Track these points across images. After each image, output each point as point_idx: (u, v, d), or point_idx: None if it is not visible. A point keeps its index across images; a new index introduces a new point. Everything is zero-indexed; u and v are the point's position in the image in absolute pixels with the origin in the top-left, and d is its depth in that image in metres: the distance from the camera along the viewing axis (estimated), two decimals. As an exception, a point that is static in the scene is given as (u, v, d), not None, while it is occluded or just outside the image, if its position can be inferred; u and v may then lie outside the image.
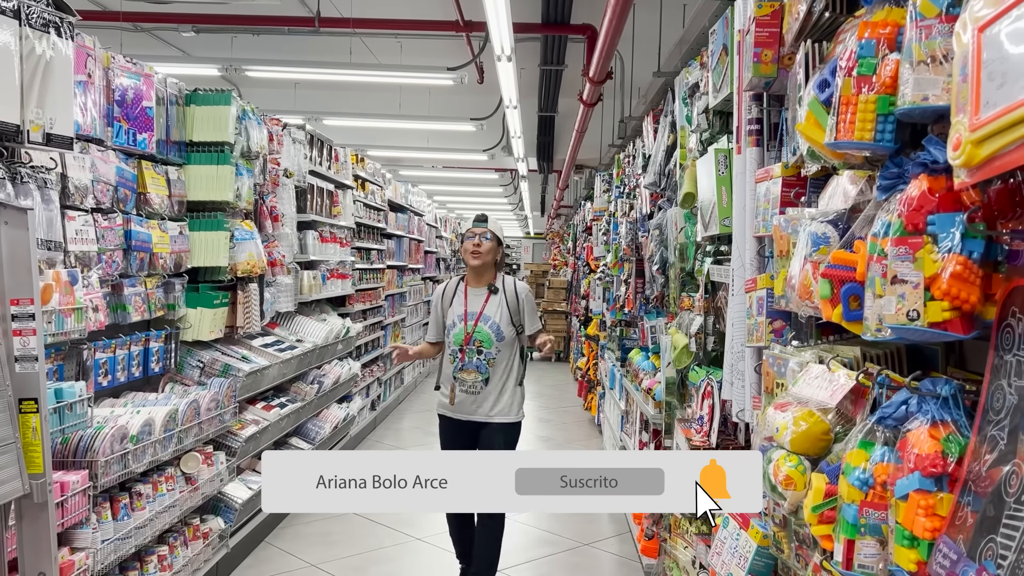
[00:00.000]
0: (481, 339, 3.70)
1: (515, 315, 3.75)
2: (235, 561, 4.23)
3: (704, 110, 2.90)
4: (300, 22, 7.77)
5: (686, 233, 3.25)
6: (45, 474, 2.21)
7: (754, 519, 2.26)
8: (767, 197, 2.05)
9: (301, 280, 5.59)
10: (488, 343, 3.70)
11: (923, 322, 1.11)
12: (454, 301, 3.83)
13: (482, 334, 3.70)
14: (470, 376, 3.70)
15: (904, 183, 1.23)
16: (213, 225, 4.06)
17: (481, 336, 3.70)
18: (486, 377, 3.70)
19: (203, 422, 3.71)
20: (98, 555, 2.91)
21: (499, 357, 3.72)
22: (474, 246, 3.78)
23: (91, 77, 3.13)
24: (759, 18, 2.11)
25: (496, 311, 3.74)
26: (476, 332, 3.71)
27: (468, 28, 7.44)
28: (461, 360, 3.70)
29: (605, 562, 4.54)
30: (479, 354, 3.70)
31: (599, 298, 7.41)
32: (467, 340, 3.70)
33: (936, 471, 1.12)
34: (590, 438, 7.75)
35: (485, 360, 3.69)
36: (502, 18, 5.05)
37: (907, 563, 1.14)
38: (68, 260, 2.95)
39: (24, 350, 2.17)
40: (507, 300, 3.76)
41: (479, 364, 3.69)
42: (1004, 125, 0.89)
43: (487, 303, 3.75)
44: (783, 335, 2.02)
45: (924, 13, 1.16)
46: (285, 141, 5.18)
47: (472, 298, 3.79)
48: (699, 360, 2.97)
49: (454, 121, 10.36)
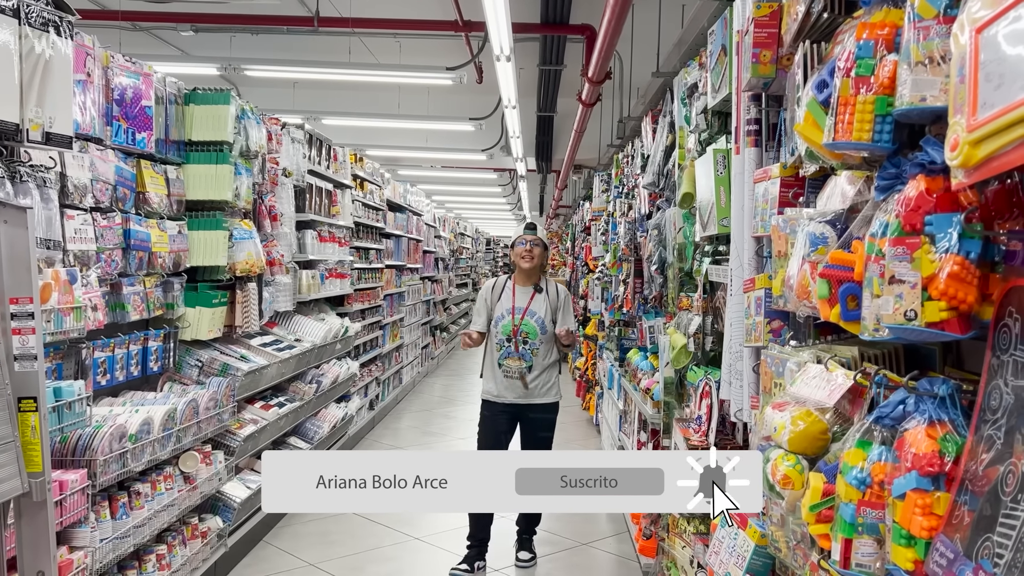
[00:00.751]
0: (527, 331, 4.24)
1: (555, 312, 4.31)
2: (233, 560, 4.23)
3: (703, 110, 2.91)
4: (299, 21, 7.77)
5: (684, 233, 3.25)
6: (44, 473, 2.21)
7: (752, 518, 2.26)
8: (765, 197, 2.05)
9: (300, 279, 5.59)
10: (533, 335, 4.24)
11: (920, 322, 1.12)
12: (502, 296, 4.35)
13: (528, 327, 4.24)
14: (515, 363, 4.23)
15: (902, 183, 1.23)
16: (212, 224, 4.06)
17: (527, 328, 4.24)
18: (529, 364, 4.23)
19: (202, 421, 3.71)
20: (97, 554, 2.91)
21: (542, 348, 4.26)
22: (526, 251, 4.30)
23: (90, 76, 3.13)
24: (758, 19, 2.11)
25: (541, 308, 4.28)
26: (523, 325, 4.24)
27: (467, 28, 7.44)
28: (511, 349, 4.23)
29: (603, 562, 4.54)
30: (524, 344, 4.23)
31: (597, 298, 7.41)
32: (515, 332, 4.23)
33: (933, 470, 1.13)
34: (588, 438, 7.75)
35: (529, 350, 4.24)
36: (501, 18, 5.05)
37: (904, 562, 1.15)
38: (67, 259, 2.95)
39: (23, 349, 2.17)
40: (549, 299, 4.32)
41: (523, 353, 4.23)
42: (1001, 126, 0.89)
43: (532, 300, 4.29)
44: (781, 335, 2.02)
45: (922, 14, 1.17)
46: (284, 140, 5.18)
47: (520, 295, 4.31)
48: (697, 360, 2.98)
49: (453, 121, 10.37)
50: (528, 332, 4.23)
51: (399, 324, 9.62)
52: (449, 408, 9.33)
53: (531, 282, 4.34)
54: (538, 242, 4.32)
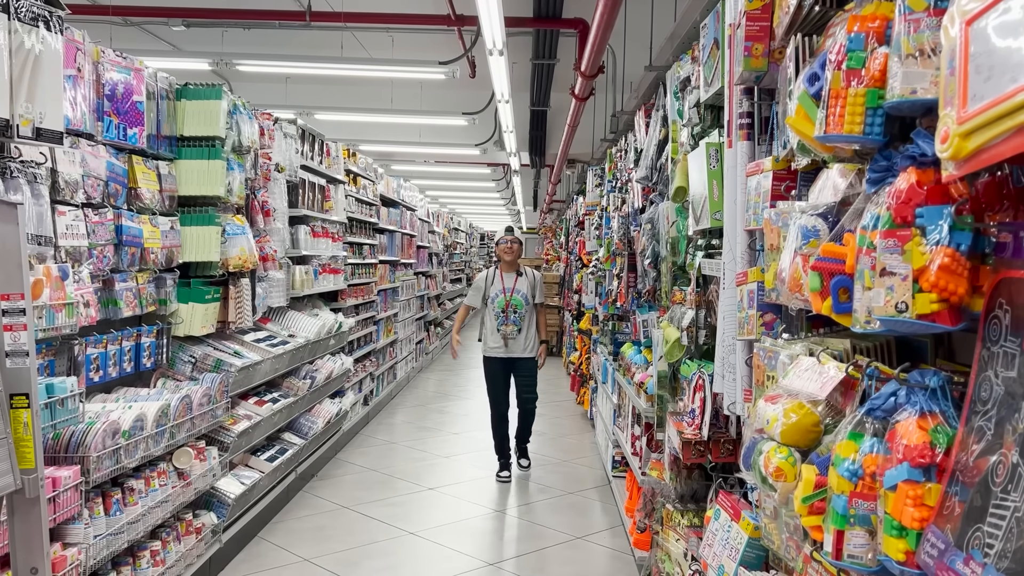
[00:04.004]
0: (516, 304, 6.05)
1: (533, 288, 6.13)
2: (228, 556, 4.22)
3: (695, 104, 2.91)
4: (291, 16, 7.75)
5: (678, 227, 3.25)
6: (37, 469, 2.20)
7: (745, 511, 2.27)
8: (758, 191, 2.06)
9: (293, 275, 5.58)
10: (520, 306, 6.05)
11: (911, 314, 1.12)
12: (494, 281, 6.15)
13: (516, 301, 6.06)
14: (510, 328, 6.03)
15: (893, 176, 1.23)
16: (204, 220, 4.04)
17: (516, 302, 6.05)
18: (519, 328, 6.05)
19: (195, 417, 3.70)
20: (90, 550, 2.90)
21: (527, 316, 6.09)
22: (507, 247, 6.21)
23: (81, 71, 3.11)
24: (750, 12, 2.11)
25: (524, 286, 6.12)
26: (512, 299, 6.05)
27: (460, 22, 7.43)
28: (504, 318, 6.02)
29: (598, 555, 4.55)
30: (515, 313, 6.04)
31: (592, 292, 7.42)
32: (507, 306, 6.03)
33: (924, 462, 1.13)
34: (583, 432, 7.76)
35: (519, 317, 6.05)
36: (493, 12, 5.04)
37: (896, 553, 1.15)
38: (59, 255, 2.94)
39: (15, 345, 2.16)
40: (528, 279, 6.16)
41: (515, 320, 6.04)
42: (991, 118, 0.90)
43: (516, 282, 6.13)
44: (774, 328, 2.03)
45: (912, 7, 1.17)
46: (276, 136, 5.17)
47: (507, 279, 6.15)
48: (691, 354, 2.98)
49: (446, 115, 10.35)
50: (516, 305, 6.04)
51: (393, 319, 9.61)
52: (444, 403, 9.34)
53: (513, 269, 6.17)
54: (516, 240, 6.25)
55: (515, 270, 6.15)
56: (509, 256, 6.15)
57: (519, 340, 6.01)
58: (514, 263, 6.17)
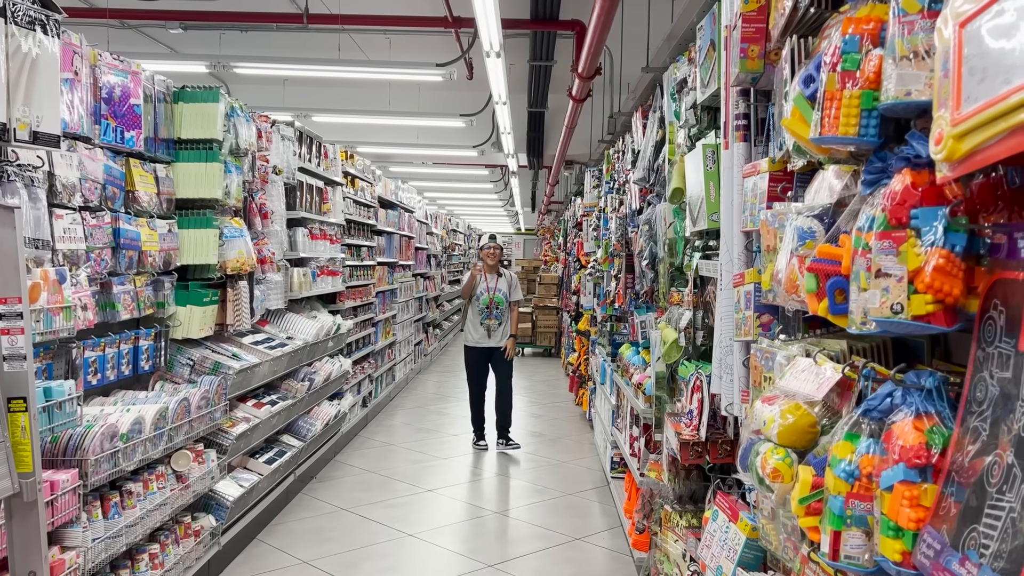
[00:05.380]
0: (497, 301, 7.14)
1: (510, 288, 7.23)
2: (227, 559, 4.22)
3: (692, 106, 2.91)
4: (288, 18, 7.74)
5: (675, 228, 3.26)
6: (35, 473, 2.20)
7: (743, 511, 2.28)
8: (754, 192, 2.06)
9: (291, 277, 5.58)
10: (501, 303, 7.16)
11: (907, 315, 1.12)
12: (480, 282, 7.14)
13: (497, 298, 7.14)
14: (492, 322, 7.12)
15: (888, 177, 1.24)
16: (202, 223, 4.04)
17: (497, 299, 7.14)
18: (499, 322, 7.15)
19: (193, 420, 3.70)
20: (89, 554, 2.90)
21: (505, 312, 7.18)
22: (490, 252, 7.24)
23: (78, 75, 3.11)
24: (745, 14, 2.11)
25: (504, 285, 7.21)
26: (494, 297, 7.13)
27: (457, 24, 7.43)
28: (488, 313, 7.10)
29: (597, 556, 4.56)
30: (496, 309, 7.13)
31: (590, 293, 7.43)
32: (491, 302, 7.11)
33: (920, 462, 1.13)
34: (581, 433, 7.77)
35: (500, 312, 7.16)
36: (491, 14, 5.04)
37: (892, 553, 1.15)
38: (56, 258, 2.94)
39: (12, 349, 2.16)
40: (507, 280, 7.26)
41: (496, 315, 7.14)
42: (985, 120, 0.90)
43: (498, 282, 7.20)
44: (770, 329, 2.03)
45: (907, 9, 1.17)
46: (274, 138, 5.17)
47: (489, 279, 7.19)
48: (688, 354, 2.99)
49: (444, 117, 10.34)
50: (498, 301, 7.14)
51: (391, 321, 9.61)
52: (442, 404, 9.33)
53: (494, 271, 7.25)
54: (497, 246, 7.34)
55: (496, 271, 7.21)
56: (492, 260, 7.20)
57: (499, 332, 7.15)
58: (495, 266, 7.22)
